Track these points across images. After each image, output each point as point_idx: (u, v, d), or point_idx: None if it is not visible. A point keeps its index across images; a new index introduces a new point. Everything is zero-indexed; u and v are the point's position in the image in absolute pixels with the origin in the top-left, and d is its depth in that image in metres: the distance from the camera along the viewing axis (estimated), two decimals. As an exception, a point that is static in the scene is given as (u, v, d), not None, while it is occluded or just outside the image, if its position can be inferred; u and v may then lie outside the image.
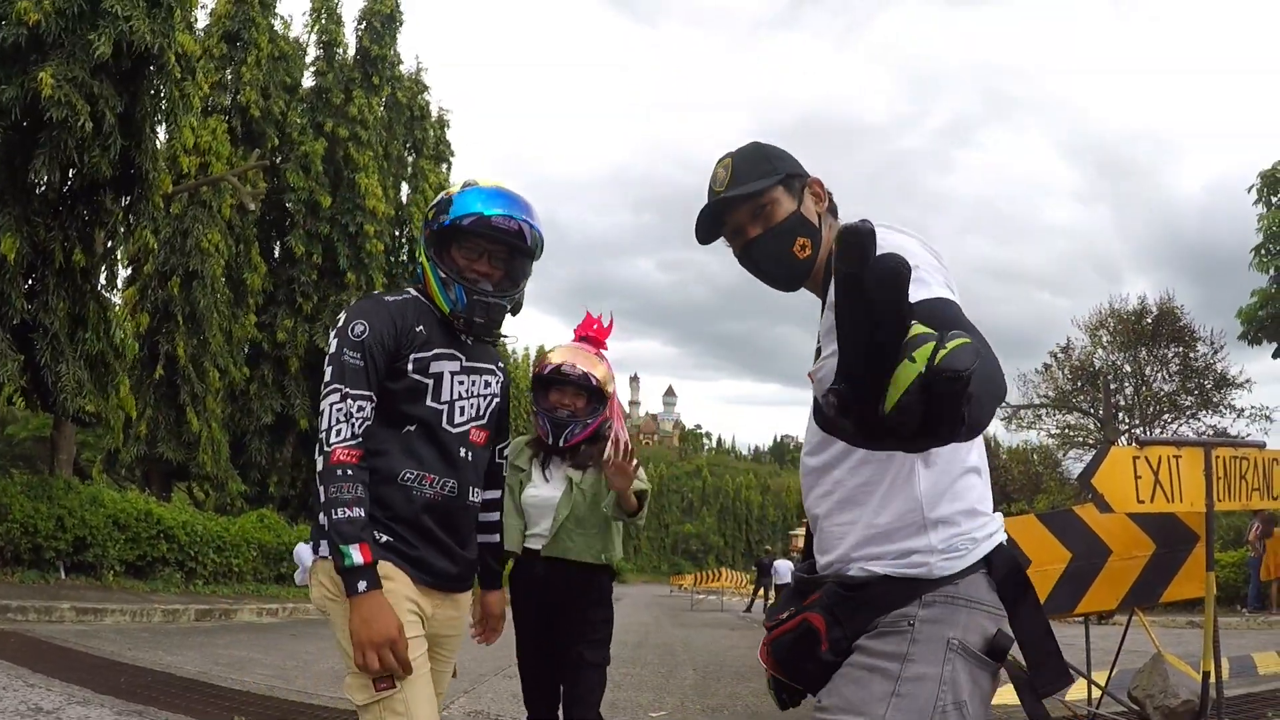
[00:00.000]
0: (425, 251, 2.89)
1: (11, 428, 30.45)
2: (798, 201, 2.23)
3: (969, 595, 1.91)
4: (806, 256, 2.21)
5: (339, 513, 2.51)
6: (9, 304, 12.75)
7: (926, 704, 1.81)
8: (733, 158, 2.27)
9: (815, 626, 1.96)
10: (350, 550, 2.49)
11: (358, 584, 2.48)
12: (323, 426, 2.61)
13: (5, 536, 12.97)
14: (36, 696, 6.51)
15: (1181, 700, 5.33)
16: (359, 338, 2.68)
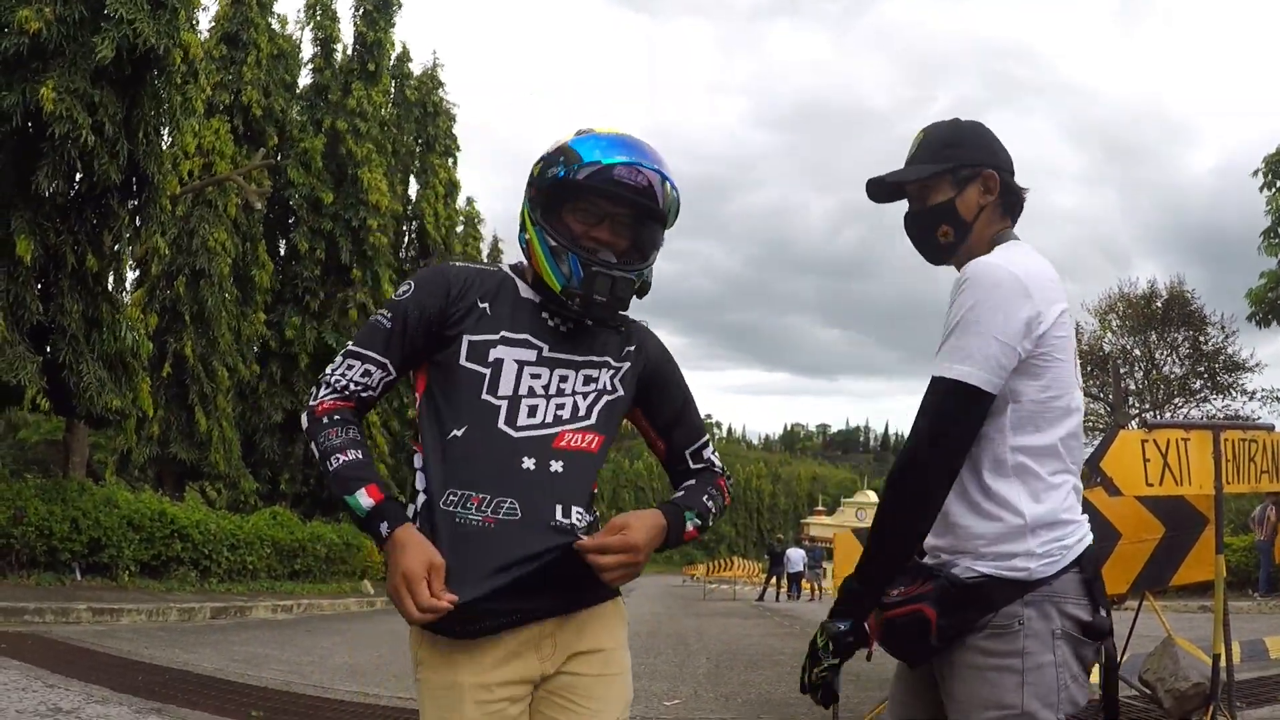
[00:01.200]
0: (529, 215, 2.30)
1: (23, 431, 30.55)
2: (957, 191, 2.38)
3: (1063, 592, 2.17)
4: (947, 242, 2.41)
5: (333, 461, 2.11)
6: (24, 307, 12.82)
7: (1052, 684, 2.12)
8: (927, 131, 2.47)
9: (927, 617, 2.16)
10: (356, 498, 2.07)
11: (379, 527, 2.05)
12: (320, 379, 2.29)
13: (21, 539, 13.04)
14: (56, 696, 6.56)
15: (1192, 683, 5.34)
16: (399, 297, 2.25)
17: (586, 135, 2.29)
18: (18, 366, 12.39)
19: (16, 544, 13.02)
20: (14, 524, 12.94)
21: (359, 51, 28.24)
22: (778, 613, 23.58)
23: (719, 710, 7.77)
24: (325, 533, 21.64)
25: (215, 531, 17.01)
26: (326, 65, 27.96)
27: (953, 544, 2.23)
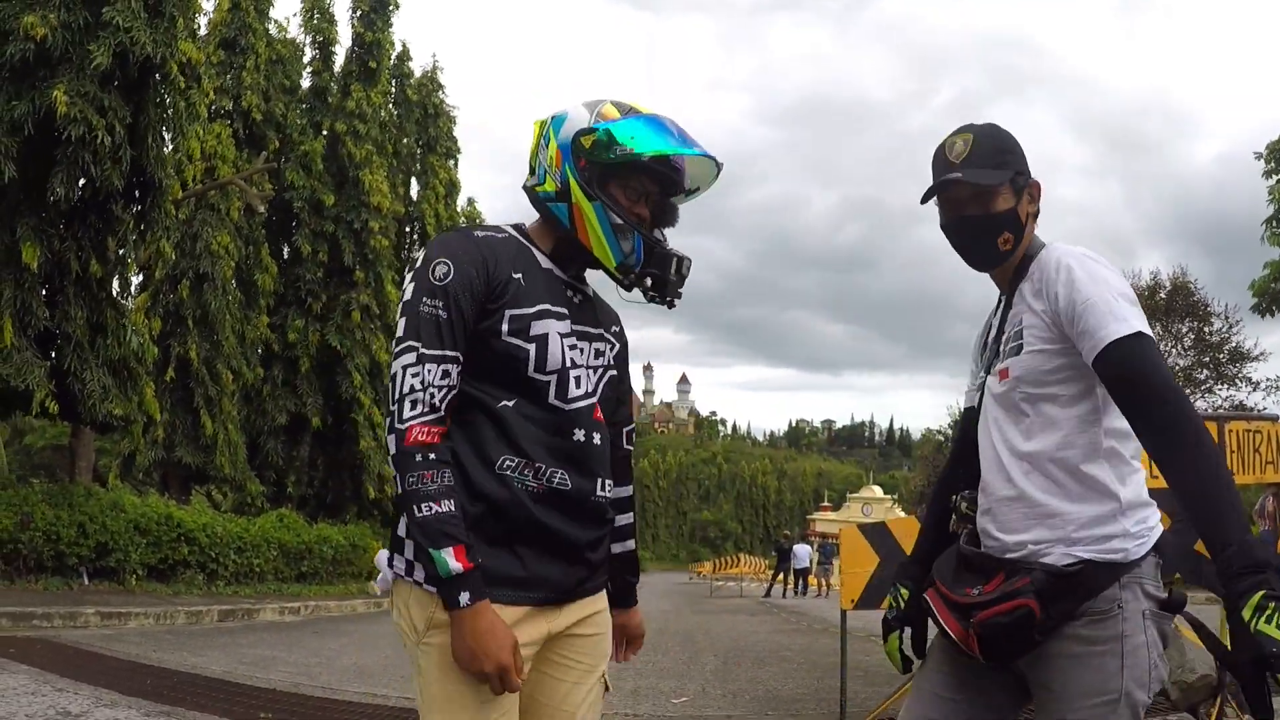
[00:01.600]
0: (583, 187, 2.27)
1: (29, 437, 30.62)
2: (1017, 200, 2.41)
3: (1149, 574, 2.23)
4: (1006, 250, 2.42)
5: (424, 509, 2.00)
6: (31, 313, 12.85)
7: (1145, 664, 2.17)
8: (974, 134, 2.44)
9: (1032, 611, 2.16)
10: (443, 556, 1.98)
11: (458, 596, 1.99)
12: (394, 398, 2.08)
13: (28, 545, 13.08)
14: (65, 700, 6.58)
15: (1199, 675, 5.35)
16: (441, 281, 2.13)
17: (635, 116, 2.32)
18: (25, 372, 12.43)
19: (24, 549, 13.06)
20: (21, 529, 12.97)
21: (357, 52, 28.24)
22: (784, 609, 23.58)
23: (727, 707, 7.78)
24: (332, 535, 21.69)
25: (222, 535, 17.05)
26: (325, 68, 27.98)
27: (1043, 534, 2.24)
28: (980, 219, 2.41)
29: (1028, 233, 2.44)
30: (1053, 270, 2.29)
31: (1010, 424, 2.36)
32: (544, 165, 2.34)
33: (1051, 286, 2.28)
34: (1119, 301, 2.20)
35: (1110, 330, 2.15)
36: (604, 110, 2.33)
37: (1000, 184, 2.39)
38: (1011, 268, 2.45)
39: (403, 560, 2.15)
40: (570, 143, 2.29)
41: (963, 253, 2.50)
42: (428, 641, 2.12)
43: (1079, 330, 2.21)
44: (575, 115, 2.34)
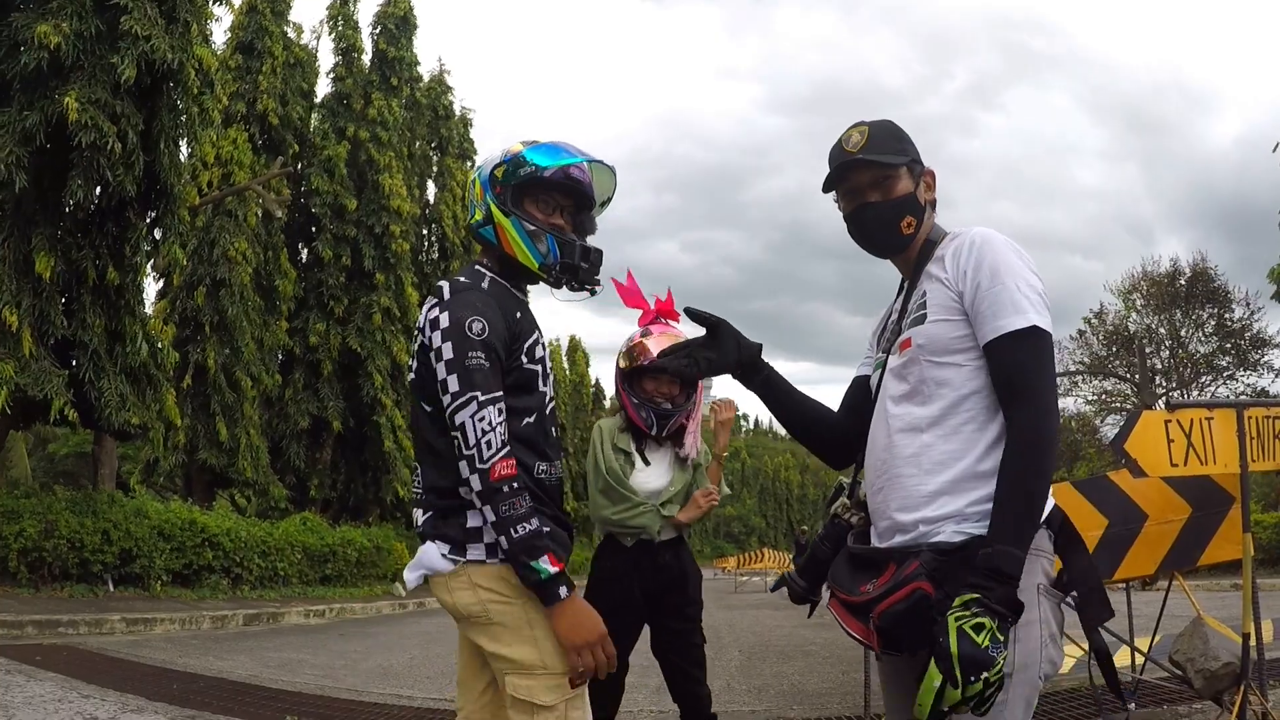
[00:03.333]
0: (499, 208, 2.75)
1: (53, 445, 30.84)
2: (915, 185, 2.51)
3: (1039, 546, 2.24)
4: (908, 234, 2.50)
5: (518, 530, 2.47)
6: (49, 322, 12.91)
7: (1035, 643, 2.18)
8: (870, 126, 2.52)
9: (926, 593, 2.15)
10: (541, 564, 2.47)
11: (558, 591, 2.49)
12: (469, 443, 2.50)
13: (53, 552, 13.16)
14: (91, 707, 6.62)
15: (1222, 663, 5.32)
16: (480, 336, 2.56)
17: (538, 144, 2.79)
18: (44, 381, 12.49)
19: (49, 557, 13.13)
20: (45, 537, 13.05)
21: (378, 65, 28.33)
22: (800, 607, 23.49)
23: (751, 702, 7.78)
24: (355, 537, 21.75)
25: (246, 539, 17.12)
26: (348, 74, 28.04)
27: (936, 511, 2.26)
28: (882, 205, 2.48)
29: (927, 218, 2.53)
30: (965, 248, 2.35)
31: (906, 397, 2.39)
32: (473, 202, 2.83)
33: (961, 263, 2.34)
34: (1023, 292, 2.25)
35: (1007, 321, 2.23)
36: (511, 147, 2.80)
37: (899, 165, 2.47)
38: (914, 253, 2.53)
39: (480, 547, 2.59)
40: (488, 176, 2.79)
41: (866, 241, 2.57)
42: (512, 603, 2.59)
43: (977, 312, 2.28)
44: (490, 156, 2.84)
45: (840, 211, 2.60)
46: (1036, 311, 2.23)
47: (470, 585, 2.59)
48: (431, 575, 2.66)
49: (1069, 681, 7.54)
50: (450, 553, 2.61)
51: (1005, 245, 2.33)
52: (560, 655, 2.57)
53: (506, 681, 2.60)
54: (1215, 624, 5.71)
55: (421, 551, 2.68)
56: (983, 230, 2.40)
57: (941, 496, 2.26)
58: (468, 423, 2.50)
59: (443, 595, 2.66)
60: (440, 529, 2.64)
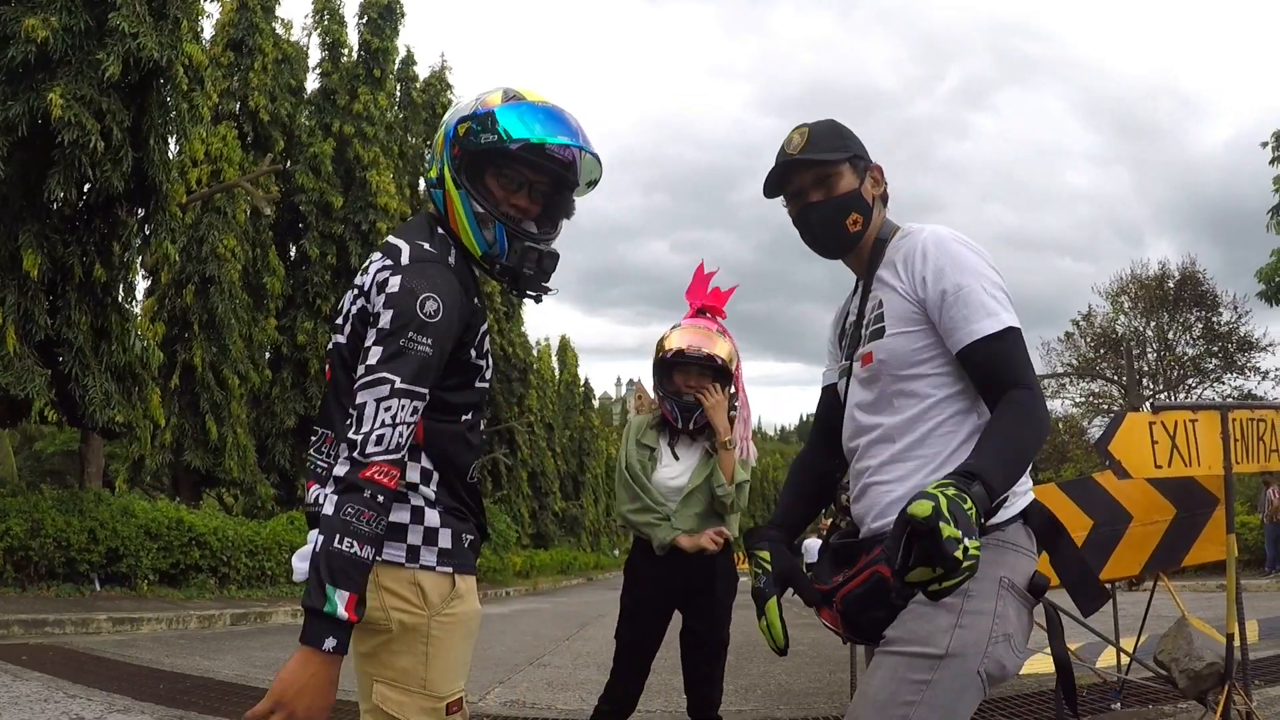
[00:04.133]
0: (452, 175, 2.32)
1: (40, 443, 30.71)
2: (859, 181, 2.44)
3: (1014, 541, 2.21)
4: (855, 231, 2.44)
5: (346, 543, 1.98)
6: (33, 320, 12.86)
7: (982, 636, 2.10)
8: (810, 127, 2.47)
9: (885, 576, 2.07)
10: (336, 597, 1.96)
11: (325, 639, 1.98)
12: (363, 426, 2.06)
13: (39, 551, 13.11)
14: (77, 707, 6.61)
15: (1206, 663, 5.35)
16: (431, 319, 2.13)
17: (517, 103, 2.33)
18: (26, 379, 12.44)
19: (35, 556, 13.10)
20: (31, 536, 13.01)
21: (364, 58, 28.28)
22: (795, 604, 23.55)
23: (739, 702, 7.80)
24: (342, 536, 21.64)
25: (233, 538, 17.07)
26: (334, 69, 28.01)
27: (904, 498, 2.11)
28: (826, 204, 2.43)
29: (876, 214, 2.48)
30: (918, 255, 2.30)
31: (875, 407, 2.37)
32: (432, 155, 2.41)
33: (917, 271, 2.28)
34: (990, 293, 2.21)
35: (980, 326, 2.18)
36: (487, 98, 2.35)
37: (839, 161, 2.42)
38: (866, 251, 2.48)
39: (401, 547, 2.21)
40: (452, 130, 2.34)
41: (814, 242, 2.51)
42: (448, 613, 2.26)
43: (946, 320, 2.23)
44: (464, 103, 2.40)
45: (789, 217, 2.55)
46: (1006, 310, 2.20)
47: (375, 587, 2.17)
48: None
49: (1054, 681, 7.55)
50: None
51: (960, 246, 2.29)
52: (448, 679, 2.29)
53: (376, 690, 2.27)
54: (1200, 624, 5.74)
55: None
56: (933, 231, 2.35)
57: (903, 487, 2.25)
58: (369, 404, 2.07)
59: None
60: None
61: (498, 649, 11.82)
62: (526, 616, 18.25)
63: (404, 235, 2.31)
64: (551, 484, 45.75)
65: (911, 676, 2.09)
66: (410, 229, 2.35)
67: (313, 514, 2.29)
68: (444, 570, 2.24)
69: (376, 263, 2.25)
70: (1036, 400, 2.14)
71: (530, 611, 19.93)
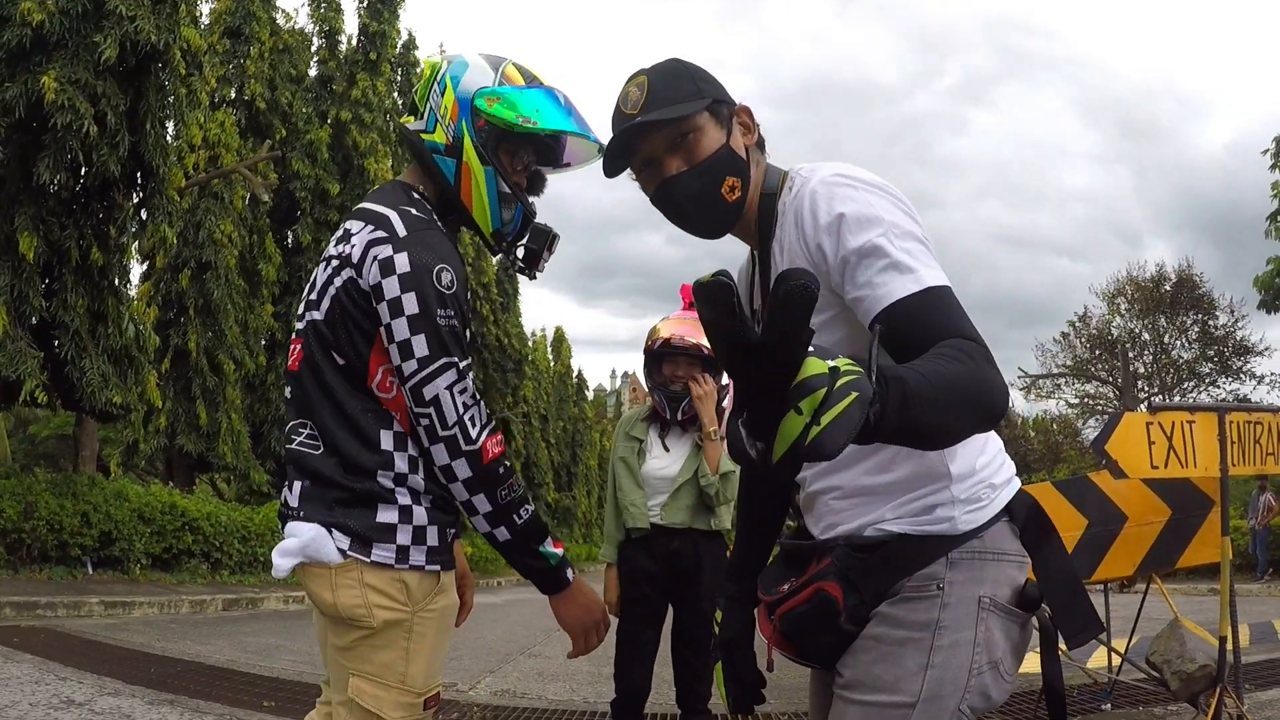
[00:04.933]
0: (477, 148, 2.27)
1: (34, 426, 30.68)
2: (726, 132, 1.93)
3: (996, 548, 1.79)
4: (735, 199, 1.92)
5: (521, 515, 2.19)
6: (28, 303, 12.84)
7: (961, 670, 1.72)
8: (648, 75, 1.95)
9: (832, 595, 1.77)
10: (548, 547, 2.26)
11: (566, 575, 2.30)
12: (449, 422, 2.09)
13: (32, 534, 13.09)
14: (68, 689, 6.60)
15: (1199, 665, 5.35)
16: (450, 290, 2.12)
17: (539, 87, 2.33)
18: (18, 362, 12.42)
19: (28, 538, 13.08)
20: (24, 518, 12.99)
21: (362, 43, 28.23)
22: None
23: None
24: (335, 524, 21.63)
25: (226, 524, 17.06)
26: (331, 56, 27.96)
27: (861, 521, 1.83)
28: (690, 174, 1.90)
29: (754, 169, 1.96)
30: (807, 215, 1.77)
31: None
32: (435, 113, 2.31)
33: (810, 238, 1.76)
34: (899, 245, 1.68)
35: (890, 290, 1.65)
36: (508, 72, 2.33)
37: (695, 113, 1.89)
38: (753, 215, 1.96)
39: (390, 548, 2.16)
40: (470, 100, 2.28)
41: (688, 224, 1.99)
42: (430, 608, 2.23)
43: (852, 291, 1.71)
44: (477, 69, 2.32)
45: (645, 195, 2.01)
46: (926, 266, 1.67)
47: (359, 585, 2.15)
48: (311, 565, 2.18)
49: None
50: (350, 547, 2.15)
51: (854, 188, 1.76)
52: (425, 674, 2.24)
53: (351, 684, 2.20)
54: (1192, 626, 5.75)
55: (304, 536, 2.18)
56: (822, 176, 1.80)
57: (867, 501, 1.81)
58: (443, 395, 2.08)
59: (320, 590, 2.18)
60: (339, 517, 2.16)
61: (489, 638, 11.82)
62: (518, 606, 18.25)
63: (385, 201, 2.25)
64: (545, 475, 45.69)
65: None
66: (388, 194, 2.30)
67: (285, 516, 2.29)
68: (431, 569, 2.22)
69: (362, 233, 2.17)
70: (982, 350, 1.56)
71: (521, 601, 19.94)
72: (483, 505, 2.15)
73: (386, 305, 2.10)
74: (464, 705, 7.10)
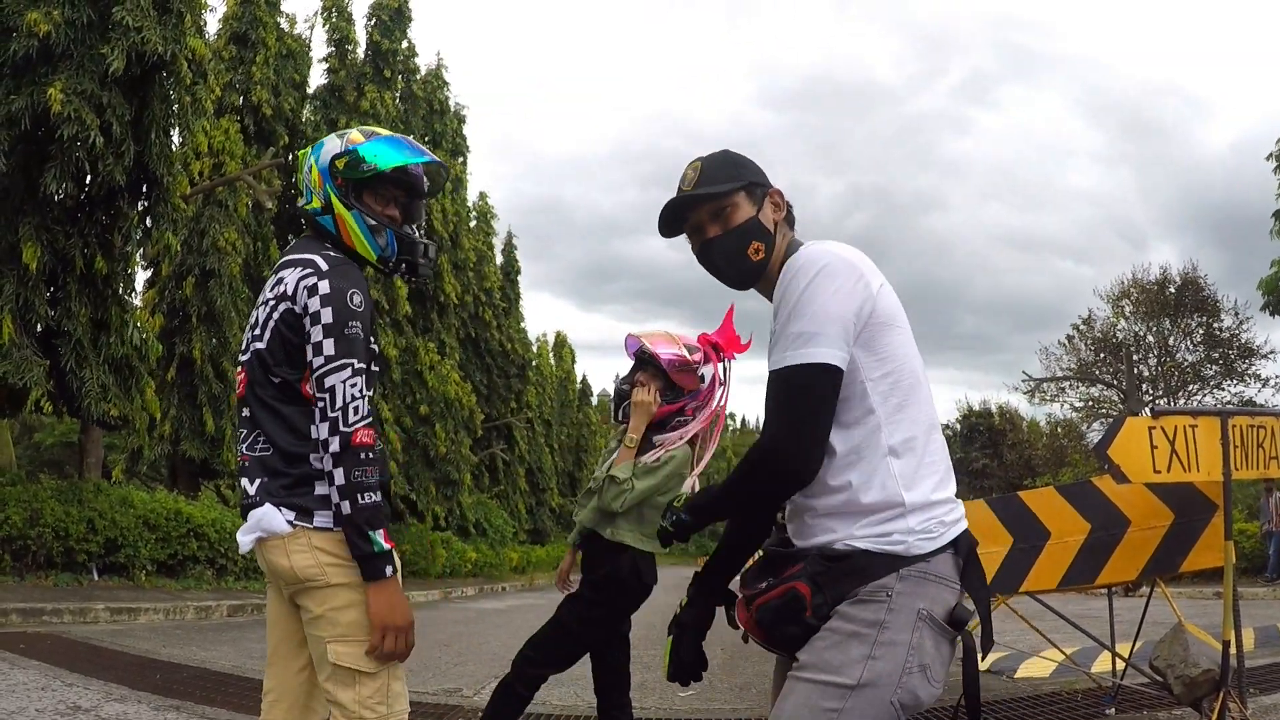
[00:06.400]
0: (340, 200, 2.85)
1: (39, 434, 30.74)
2: (757, 208, 2.45)
3: (938, 572, 2.21)
4: (759, 260, 2.45)
5: (364, 498, 2.54)
6: (33, 311, 12.88)
7: (896, 666, 2.12)
8: (703, 161, 2.50)
9: (801, 594, 2.20)
10: (377, 536, 2.55)
11: (385, 568, 2.57)
12: (335, 405, 2.56)
13: (38, 540, 13.13)
14: (74, 695, 6.62)
15: (1202, 670, 5.35)
16: (358, 309, 2.67)
17: (379, 138, 2.89)
18: (24, 370, 12.46)
19: (34, 545, 13.11)
20: (30, 525, 13.02)
21: (371, 58, 28.33)
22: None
23: (733, 700, 7.82)
24: (339, 529, 21.62)
25: (231, 529, 17.01)
26: (341, 66, 28.01)
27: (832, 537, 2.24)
28: (724, 237, 2.45)
29: (780, 239, 2.49)
30: (786, 270, 2.30)
31: None
32: (309, 187, 2.90)
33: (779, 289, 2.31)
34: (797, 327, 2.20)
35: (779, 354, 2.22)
36: (352, 136, 2.90)
37: (733, 192, 2.43)
38: (774, 276, 2.41)
39: (328, 514, 2.62)
40: (328, 166, 2.86)
41: (719, 275, 2.53)
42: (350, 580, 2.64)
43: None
44: (329, 143, 2.91)
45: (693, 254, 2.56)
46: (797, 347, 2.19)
47: (309, 548, 2.63)
48: (268, 538, 2.66)
49: (1049, 686, 7.58)
50: (296, 519, 2.64)
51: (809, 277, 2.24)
52: None
53: (329, 650, 2.63)
54: (1196, 631, 5.75)
55: (259, 514, 2.68)
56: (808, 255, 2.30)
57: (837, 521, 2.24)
58: (338, 386, 2.58)
59: (278, 559, 2.65)
60: (285, 496, 2.66)
61: (493, 644, 11.83)
62: (522, 612, 18.24)
63: (307, 250, 2.80)
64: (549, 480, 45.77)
65: (823, 704, 2.12)
66: (307, 246, 2.83)
67: (246, 506, 2.74)
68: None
69: (293, 273, 2.71)
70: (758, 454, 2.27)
71: (526, 607, 19.92)
72: (338, 478, 2.55)
73: (309, 318, 2.65)
74: (468, 710, 7.11)
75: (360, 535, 2.54)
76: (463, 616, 17.01)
